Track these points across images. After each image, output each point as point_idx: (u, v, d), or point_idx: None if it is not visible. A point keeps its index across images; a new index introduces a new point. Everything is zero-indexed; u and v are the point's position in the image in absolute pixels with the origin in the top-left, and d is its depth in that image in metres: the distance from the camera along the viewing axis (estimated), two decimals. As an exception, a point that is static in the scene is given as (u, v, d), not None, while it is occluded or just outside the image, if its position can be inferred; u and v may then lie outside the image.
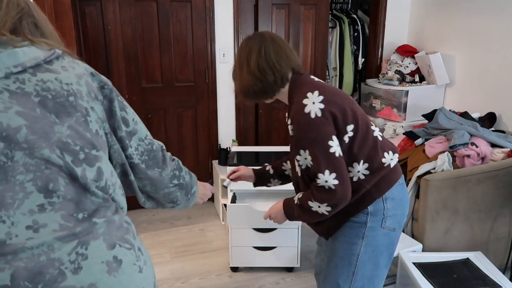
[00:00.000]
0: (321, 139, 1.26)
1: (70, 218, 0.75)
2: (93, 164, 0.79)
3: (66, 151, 0.75)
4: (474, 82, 3.09)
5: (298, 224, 2.35)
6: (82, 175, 0.77)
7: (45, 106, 0.74)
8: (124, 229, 0.84)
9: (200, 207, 3.43)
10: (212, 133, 3.41)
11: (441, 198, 2.18)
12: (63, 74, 0.79)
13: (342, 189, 1.27)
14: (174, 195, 1.10)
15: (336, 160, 1.27)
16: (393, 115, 3.32)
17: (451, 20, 3.25)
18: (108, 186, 0.83)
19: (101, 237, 0.78)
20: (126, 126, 0.92)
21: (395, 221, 1.42)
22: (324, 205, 1.29)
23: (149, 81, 3.17)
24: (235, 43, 3.28)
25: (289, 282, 2.40)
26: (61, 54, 0.83)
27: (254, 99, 1.48)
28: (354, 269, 1.42)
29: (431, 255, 2.10)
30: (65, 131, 0.76)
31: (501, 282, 1.85)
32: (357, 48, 4.05)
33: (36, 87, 0.75)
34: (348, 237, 1.41)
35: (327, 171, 1.26)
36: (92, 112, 0.81)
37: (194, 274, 2.50)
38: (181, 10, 3.10)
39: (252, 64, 1.38)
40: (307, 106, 1.27)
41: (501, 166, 2.23)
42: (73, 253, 0.73)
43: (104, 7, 2.92)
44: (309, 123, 1.26)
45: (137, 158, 0.95)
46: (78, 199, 0.77)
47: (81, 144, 0.77)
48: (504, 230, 2.32)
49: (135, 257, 0.82)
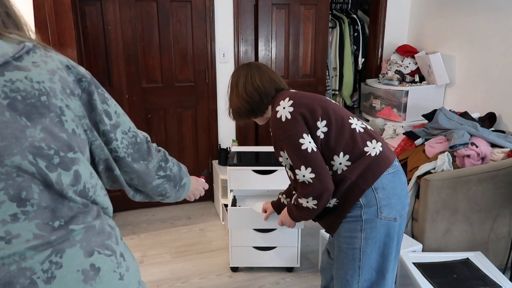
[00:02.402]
0: (292, 138, 1.40)
1: (45, 227, 0.72)
2: (69, 168, 0.75)
3: (39, 156, 0.71)
4: (474, 82, 3.09)
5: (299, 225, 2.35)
6: (57, 181, 0.73)
7: (14, 109, 0.69)
8: (106, 234, 0.81)
9: (200, 207, 3.43)
10: (212, 133, 3.41)
11: (441, 198, 2.18)
12: (34, 71, 0.73)
13: (319, 181, 1.38)
14: (162, 188, 1.06)
15: (309, 155, 1.39)
16: (393, 115, 3.32)
17: (451, 20, 3.25)
18: (87, 189, 0.79)
19: (78, 244, 0.75)
20: (109, 119, 0.87)
21: (392, 210, 1.43)
22: (310, 199, 1.42)
23: (149, 81, 3.17)
24: (235, 43, 3.28)
25: (289, 282, 2.40)
26: (31, 47, 0.76)
27: (245, 119, 1.68)
28: (359, 263, 1.46)
29: (431, 255, 2.10)
30: (38, 134, 0.71)
31: (501, 282, 1.85)
32: (357, 48, 4.05)
33: (4, 88, 0.69)
34: (348, 232, 1.46)
35: (303, 166, 1.39)
36: (67, 110, 0.76)
37: (194, 274, 2.50)
38: (181, 10, 3.10)
39: (240, 88, 1.59)
40: (278, 112, 1.44)
41: (501, 166, 2.23)
42: (46, 262, 0.70)
43: (104, 7, 2.92)
44: (280, 126, 1.42)
45: (123, 151, 0.91)
46: (54, 207, 0.73)
47: (56, 147, 0.73)
48: (504, 230, 2.32)
49: (116, 263, 0.79)
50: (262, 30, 3.29)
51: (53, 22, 2.20)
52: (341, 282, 1.51)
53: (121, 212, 3.31)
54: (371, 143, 1.44)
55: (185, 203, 3.47)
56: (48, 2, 2.14)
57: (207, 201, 3.54)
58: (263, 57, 3.38)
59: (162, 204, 3.39)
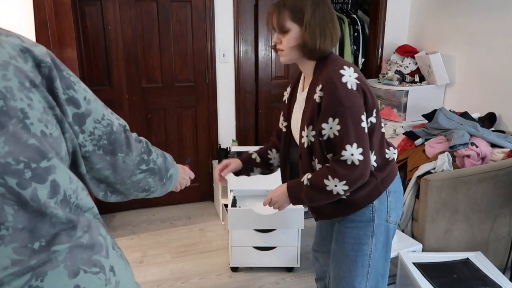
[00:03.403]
0: (355, 110, 1.24)
1: (24, 250, 0.64)
2: (45, 180, 0.66)
3: (7, 174, 0.62)
4: (474, 82, 3.09)
5: (299, 225, 2.35)
6: (32, 197, 0.64)
7: None
8: (97, 247, 0.74)
9: (200, 207, 3.43)
10: (212, 133, 3.41)
11: (441, 198, 2.18)
12: None
13: (364, 166, 1.24)
14: (145, 182, 0.92)
15: (364, 136, 1.25)
16: (393, 115, 3.32)
17: (451, 20, 3.24)
18: (68, 197, 0.71)
19: (62, 264, 0.67)
20: (76, 108, 0.73)
21: (396, 214, 1.44)
22: (342, 183, 1.25)
23: (149, 81, 3.16)
24: (235, 43, 3.28)
25: (289, 282, 2.40)
26: None
27: (293, 52, 1.35)
28: (368, 269, 1.41)
29: (431, 255, 2.10)
30: (2, 148, 0.61)
31: (501, 282, 1.85)
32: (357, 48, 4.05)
33: None
34: (357, 239, 1.40)
35: (355, 144, 1.23)
36: (31, 111, 0.65)
37: (194, 274, 2.50)
38: (181, 10, 3.10)
39: (319, 14, 1.30)
40: (344, 76, 1.24)
41: (501, 166, 2.23)
42: (26, 287, 0.64)
43: (104, 7, 2.92)
44: (345, 92, 1.23)
45: (92, 144, 0.77)
46: (32, 226, 0.65)
47: (26, 159, 0.63)
48: (504, 230, 2.32)
49: (104, 281, 0.72)
50: (262, 30, 3.29)
51: (53, 22, 2.20)
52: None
53: (121, 212, 3.31)
54: (389, 150, 1.41)
55: (185, 203, 3.47)
56: (48, 2, 2.14)
57: (207, 201, 3.54)
58: (263, 57, 3.38)
59: (162, 204, 3.39)
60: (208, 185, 3.52)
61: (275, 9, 1.33)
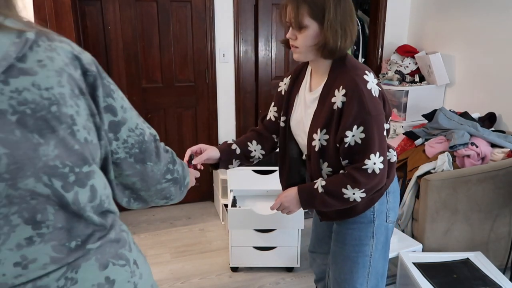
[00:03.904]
0: (380, 119, 1.21)
1: (61, 249, 0.68)
2: (85, 184, 0.69)
3: (54, 177, 0.64)
4: (474, 82, 3.09)
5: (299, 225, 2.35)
6: (74, 201, 0.67)
7: (25, 126, 0.61)
8: (121, 242, 0.78)
9: (200, 207, 3.43)
10: (212, 133, 3.41)
11: (441, 198, 2.18)
12: (41, 74, 0.63)
13: (383, 174, 1.24)
14: (168, 191, 0.95)
15: (385, 144, 1.24)
16: (393, 115, 3.33)
17: (451, 20, 3.24)
18: (102, 201, 0.74)
19: (93, 257, 0.72)
20: (114, 115, 0.75)
21: (395, 214, 1.44)
22: (361, 191, 1.23)
23: (149, 81, 3.16)
24: (235, 43, 3.28)
25: (289, 282, 2.40)
26: (34, 39, 0.64)
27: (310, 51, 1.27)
28: (369, 269, 1.41)
29: (431, 255, 2.10)
30: (52, 151, 0.64)
31: (501, 282, 1.85)
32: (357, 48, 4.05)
33: (11, 101, 0.60)
34: (358, 240, 1.39)
35: (378, 153, 1.21)
36: (78, 118, 0.67)
37: (194, 274, 2.50)
38: (181, 10, 3.10)
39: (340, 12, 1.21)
40: (369, 83, 1.20)
41: (501, 166, 2.23)
42: (62, 279, 0.67)
43: (104, 7, 2.92)
44: (371, 99, 1.19)
45: (124, 152, 0.79)
46: (69, 227, 0.69)
47: (71, 163, 0.66)
48: (504, 230, 2.32)
49: (130, 273, 0.77)
50: (262, 30, 3.29)
51: (53, 22, 2.20)
52: None
53: (121, 212, 3.26)
54: (389, 152, 1.38)
55: (185, 203, 3.47)
56: (48, 2, 2.14)
57: (207, 201, 3.54)
58: (263, 57, 3.38)
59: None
60: (208, 185, 3.52)
61: (293, 2, 1.22)
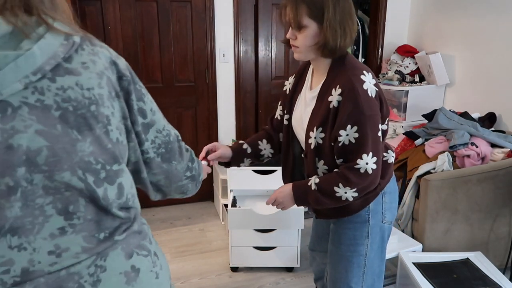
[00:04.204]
0: (375, 119, 1.21)
1: (91, 239, 0.72)
2: (114, 182, 0.73)
3: (88, 172, 0.69)
4: (474, 82, 3.09)
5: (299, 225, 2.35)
6: (103, 196, 0.72)
7: (66, 121, 0.66)
8: (142, 234, 0.82)
9: (200, 207, 3.43)
10: (212, 133, 3.41)
11: (441, 198, 2.18)
12: (84, 75, 0.68)
13: (376, 174, 1.24)
14: (186, 187, 1.00)
15: (380, 145, 1.24)
16: (393, 115, 3.32)
17: (451, 20, 3.24)
18: (128, 199, 0.78)
19: (119, 247, 0.76)
20: (143, 118, 0.81)
21: (392, 214, 1.43)
22: (353, 191, 1.24)
23: (149, 81, 3.16)
24: (235, 43, 3.28)
25: (289, 282, 2.40)
26: (79, 43, 0.69)
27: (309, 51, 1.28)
28: (364, 269, 1.42)
29: (431, 255, 2.10)
30: (88, 148, 0.68)
31: (501, 282, 1.85)
32: (357, 48, 4.05)
33: (56, 97, 0.65)
34: (353, 240, 1.40)
35: (371, 153, 1.22)
36: (112, 118, 0.72)
37: (194, 274, 2.50)
38: (181, 10, 3.10)
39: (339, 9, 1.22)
40: (365, 83, 1.21)
41: (501, 166, 2.23)
42: (92, 266, 0.72)
43: (104, 7, 2.92)
44: (366, 99, 1.20)
45: (153, 152, 0.84)
46: (98, 219, 0.73)
47: (103, 161, 0.71)
48: (504, 230, 2.32)
49: (152, 263, 0.81)
50: (262, 30, 3.29)
51: (53, 22, 2.20)
52: None
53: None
54: (387, 153, 1.40)
55: (185, 203, 3.47)
56: (48, 2, 2.15)
57: (207, 201, 3.54)
58: (263, 57, 3.38)
59: (162, 204, 3.39)
60: (208, 185, 3.52)
61: (292, 3, 1.23)
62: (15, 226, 0.65)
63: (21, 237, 0.66)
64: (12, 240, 0.65)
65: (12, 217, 0.65)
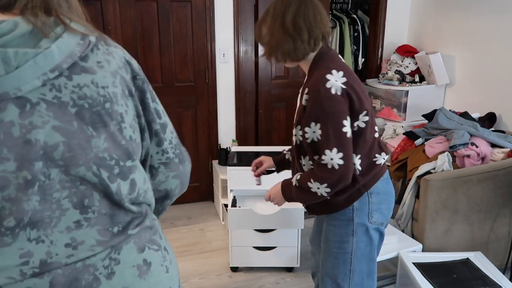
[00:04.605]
0: (337, 116, 1.25)
1: (105, 233, 0.74)
2: (126, 177, 0.75)
3: (102, 167, 0.71)
4: (474, 82, 3.09)
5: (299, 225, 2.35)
6: (116, 191, 0.74)
7: (82, 118, 0.68)
8: (153, 229, 0.84)
9: (200, 207, 3.43)
10: (212, 133, 3.41)
11: (441, 198, 2.18)
12: (99, 73, 0.70)
13: (345, 169, 1.26)
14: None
15: (346, 140, 1.27)
16: (393, 115, 3.32)
17: (451, 20, 3.25)
18: (139, 195, 0.80)
19: (132, 240, 0.78)
20: (159, 118, 0.83)
21: (381, 216, 1.44)
22: (324, 186, 1.29)
23: (149, 81, 3.15)
24: (235, 43, 3.28)
25: (289, 282, 2.40)
26: (95, 42, 0.72)
27: (280, 59, 1.40)
28: (350, 267, 1.44)
29: (431, 255, 2.10)
30: (102, 144, 0.70)
31: (501, 282, 1.85)
32: (357, 48, 4.05)
33: (73, 95, 0.67)
34: (339, 237, 1.44)
35: (335, 149, 1.25)
36: (126, 116, 0.74)
37: (194, 274, 2.50)
38: (181, 10, 3.10)
39: (288, 20, 1.32)
40: (329, 81, 1.26)
41: (501, 166, 2.23)
42: (107, 259, 0.74)
43: (104, 7, 2.92)
44: (328, 97, 1.25)
45: (172, 152, 0.87)
46: (112, 213, 0.75)
47: (117, 157, 0.73)
48: (504, 230, 2.32)
49: (162, 257, 0.83)
50: (262, 30, 3.29)
51: (53, 22, 2.20)
52: (331, 286, 1.48)
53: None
54: (380, 154, 1.42)
55: (185, 203, 3.47)
56: (48, 2, 2.15)
57: (207, 201, 3.54)
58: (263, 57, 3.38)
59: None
60: (208, 185, 3.52)
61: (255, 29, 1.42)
62: (35, 220, 0.67)
63: (40, 230, 0.68)
64: (31, 233, 0.67)
65: (30, 210, 0.67)
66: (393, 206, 1.50)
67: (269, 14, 1.37)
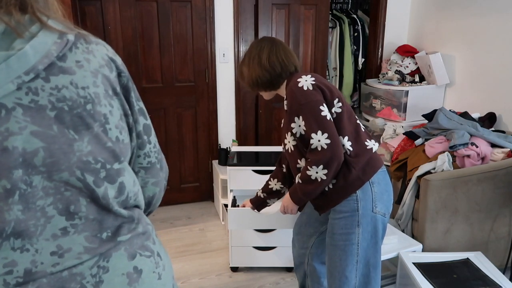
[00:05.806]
0: (312, 104, 1.43)
1: (94, 239, 0.72)
2: (114, 181, 0.72)
3: (87, 171, 0.68)
4: (474, 82, 3.09)
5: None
6: (103, 195, 0.71)
7: (62, 122, 0.65)
8: (146, 235, 0.81)
9: (200, 207, 3.43)
10: (212, 133, 3.41)
11: (441, 198, 2.18)
12: (79, 73, 0.67)
13: (333, 146, 1.40)
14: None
15: (327, 122, 1.42)
16: (393, 115, 3.32)
17: (451, 20, 3.25)
18: (129, 198, 0.78)
19: (122, 247, 0.75)
20: (145, 119, 0.80)
21: (384, 206, 1.50)
22: (320, 168, 1.41)
23: (149, 81, 3.17)
24: (235, 43, 3.28)
25: (289, 282, 2.40)
26: (73, 41, 0.68)
27: (259, 89, 1.67)
28: (357, 258, 1.49)
29: (431, 255, 2.10)
30: (85, 147, 0.67)
31: (501, 282, 1.85)
32: (357, 48, 4.05)
33: (51, 97, 0.64)
34: (344, 229, 1.48)
35: (319, 131, 1.41)
36: (111, 117, 0.71)
37: (194, 274, 2.50)
38: (181, 10, 3.10)
39: (264, 58, 1.60)
40: (300, 82, 1.47)
41: (501, 166, 2.23)
42: (95, 267, 0.71)
43: (104, 7, 2.92)
44: (301, 93, 1.45)
45: (154, 156, 0.84)
46: (100, 218, 0.73)
47: (103, 160, 0.70)
48: (504, 230, 2.32)
49: (154, 264, 0.80)
50: (262, 30, 3.29)
51: (53, 22, 2.20)
52: (339, 279, 1.52)
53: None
54: (370, 140, 1.52)
55: (185, 203, 3.47)
56: (48, 2, 2.15)
57: (207, 201, 3.54)
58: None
59: (162, 204, 3.39)
60: (208, 185, 3.52)
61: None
62: (19, 229, 0.65)
63: (25, 239, 0.66)
64: (15, 243, 0.65)
65: (12, 220, 0.64)
66: (392, 198, 1.56)
67: (247, 57, 1.65)
